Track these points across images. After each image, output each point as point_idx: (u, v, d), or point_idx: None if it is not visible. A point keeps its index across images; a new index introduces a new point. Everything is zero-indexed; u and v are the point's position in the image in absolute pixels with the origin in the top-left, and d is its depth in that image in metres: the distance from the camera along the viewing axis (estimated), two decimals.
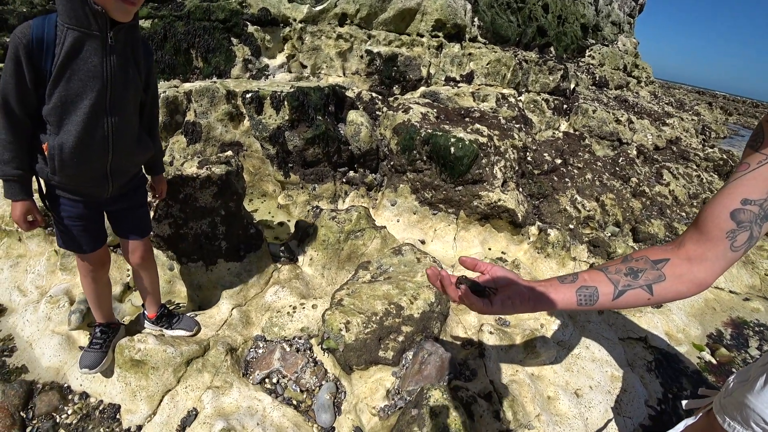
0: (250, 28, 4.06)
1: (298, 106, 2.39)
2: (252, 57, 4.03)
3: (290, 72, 3.98)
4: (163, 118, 2.66)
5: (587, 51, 6.66)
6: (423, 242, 2.32)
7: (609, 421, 1.73)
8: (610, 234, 2.60)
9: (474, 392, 1.56)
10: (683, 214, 3.49)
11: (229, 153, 2.04)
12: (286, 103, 2.39)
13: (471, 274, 0.89)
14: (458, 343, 1.80)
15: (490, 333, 1.87)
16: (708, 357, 2.34)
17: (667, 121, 5.02)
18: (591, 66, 6.20)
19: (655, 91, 7.58)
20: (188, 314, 1.71)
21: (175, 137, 2.77)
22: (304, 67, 4.03)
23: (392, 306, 1.57)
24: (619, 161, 3.48)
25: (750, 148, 0.80)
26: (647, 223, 2.95)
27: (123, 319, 1.76)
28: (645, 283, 0.83)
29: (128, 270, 1.93)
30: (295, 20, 4.13)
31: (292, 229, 2.41)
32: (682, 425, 1.30)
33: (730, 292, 3.11)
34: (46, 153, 1.08)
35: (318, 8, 4.17)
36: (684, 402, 1.48)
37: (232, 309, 1.77)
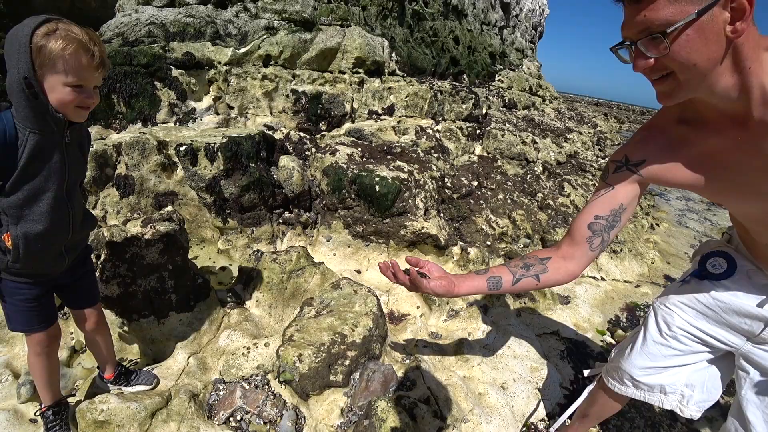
0: (175, 72, 4.12)
1: (231, 156, 2.55)
2: (178, 101, 4.09)
3: (217, 114, 4.09)
4: (93, 172, 2.68)
5: (497, 76, 7.40)
6: (359, 272, 2.57)
7: (537, 405, 2.03)
8: (522, 245, 3.03)
9: (415, 398, 1.82)
10: None
11: (170, 209, 2.16)
12: (220, 153, 2.54)
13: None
14: (398, 359, 2.06)
15: (425, 347, 2.15)
16: (609, 339, 2.78)
17: (568, 137, 5.75)
18: (501, 89, 6.90)
19: (559, 107, 8.54)
20: (145, 369, 1.80)
21: (106, 191, 2.80)
22: (231, 108, 4.16)
23: (337, 335, 1.79)
24: (527, 179, 3.99)
25: (601, 179, 1.17)
26: (553, 232, 3.44)
27: (75, 384, 1.80)
28: (534, 273, 1.18)
29: (72, 333, 1.97)
30: (219, 63, 4.26)
31: (235, 273, 2.55)
32: (586, 391, 1.69)
33: (625, 281, 3.66)
34: (7, 243, 1.17)
35: (242, 51, 4.34)
36: (585, 371, 1.88)
37: (188, 357, 1.89)
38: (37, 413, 1.57)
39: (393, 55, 5.26)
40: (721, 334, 1.20)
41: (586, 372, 1.85)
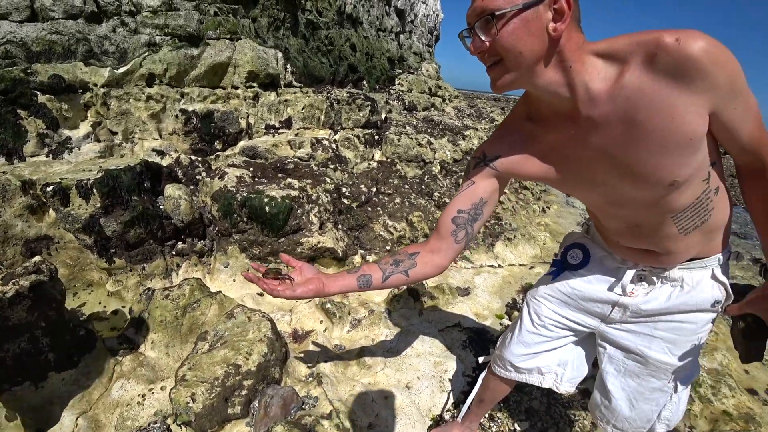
0: (41, 98, 3.75)
1: (108, 191, 2.42)
2: (48, 130, 3.73)
3: (99, 141, 3.80)
4: None
5: (396, 80, 7.66)
6: (261, 294, 2.57)
7: (447, 398, 2.14)
8: None
9: (317, 416, 1.88)
10: None
11: (38, 258, 2.00)
12: (95, 190, 2.40)
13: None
14: (302, 378, 2.11)
15: (327, 361, 2.23)
16: (507, 322, 2.95)
17: (465, 134, 6.12)
18: (401, 93, 7.15)
19: (459, 106, 9.04)
20: None
21: None
22: (114, 134, 3.89)
23: (231, 367, 1.81)
24: (425, 179, 4.23)
25: (464, 175, 1.23)
26: None
27: None
28: (403, 269, 1.20)
29: None
30: (96, 85, 3.95)
31: (128, 315, 2.43)
32: (480, 378, 1.84)
33: (520, 265, 3.97)
34: None
35: (121, 71, 4.06)
36: (480, 359, 2.05)
37: (77, 419, 1.78)
38: None
39: (288, 66, 5.23)
40: (582, 319, 1.35)
41: (480, 359, 2.04)
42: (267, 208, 2.50)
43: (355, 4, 7.42)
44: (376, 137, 4.65)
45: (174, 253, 2.62)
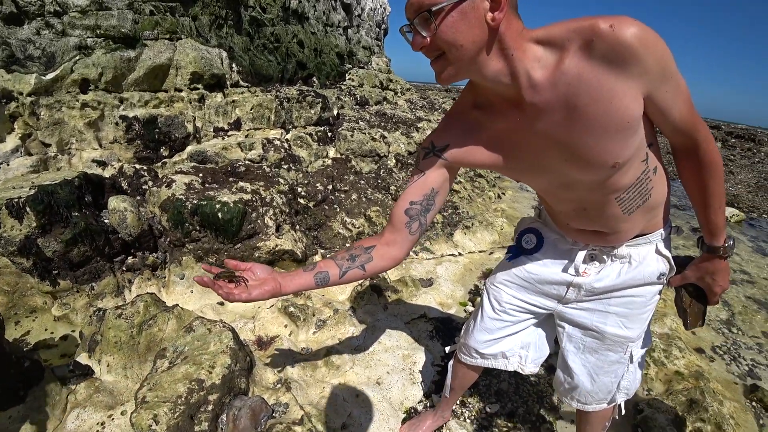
0: None
1: (44, 209, 2.26)
2: None
3: (30, 155, 3.54)
4: None
5: (347, 75, 7.59)
6: (222, 304, 2.50)
7: (427, 394, 2.16)
8: None
9: (288, 422, 1.86)
10: None
11: None
12: (28, 208, 2.23)
13: None
14: (270, 385, 2.08)
15: (294, 366, 2.21)
16: (471, 308, 3.03)
17: (419, 126, 6.18)
18: (352, 88, 7.11)
19: (411, 98, 9.10)
20: None
21: None
22: (47, 146, 3.63)
23: (194, 383, 1.75)
24: (381, 174, 4.24)
25: (414, 166, 1.23)
26: None
27: None
28: (360, 264, 1.19)
29: None
30: (21, 93, 3.67)
31: (79, 340, 2.29)
32: (449, 367, 1.87)
33: (480, 252, 4.08)
34: None
35: (50, 77, 3.78)
36: (447, 348, 2.08)
37: None
38: None
39: (233, 65, 5.06)
40: (540, 302, 1.40)
41: (447, 349, 2.08)
42: (219, 214, 2.42)
43: (301, 0, 7.28)
44: (329, 134, 4.61)
45: (125, 268, 2.50)
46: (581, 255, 1.27)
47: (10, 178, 2.96)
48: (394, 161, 4.58)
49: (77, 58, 3.99)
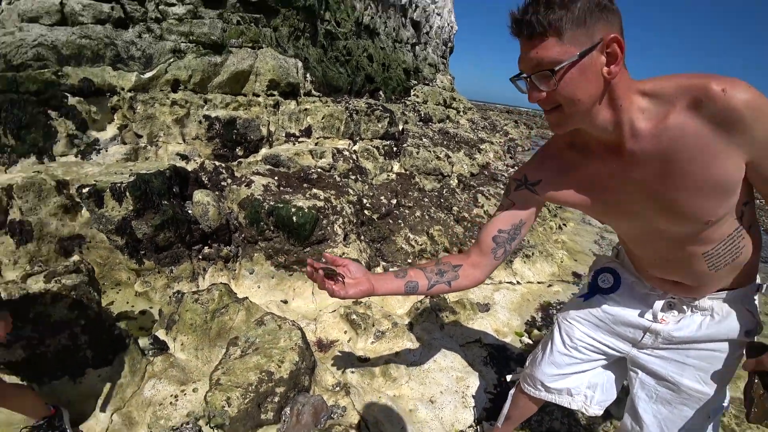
0: (71, 100, 3.84)
1: (141, 195, 2.47)
2: (77, 131, 3.81)
3: (125, 144, 3.88)
4: None
5: (412, 91, 7.76)
6: (286, 302, 2.62)
7: (478, 420, 2.15)
8: None
9: (346, 425, 1.91)
10: None
11: (76, 258, 2.05)
12: (128, 193, 2.45)
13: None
14: (329, 387, 2.14)
15: (353, 371, 2.26)
16: (527, 340, 2.95)
17: (481, 147, 6.19)
18: (416, 104, 7.25)
19: (473, 118, 9.14)
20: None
21: None
22: (140, 137, 3.96)
23: (264, 373, 1.84)
24: (444, 193, 4.28)
25: (504, 195, 1.28)
26: (469, 244, 3.71)
27: None
28: (447, 280, 1.25)
29: None
30: (123, 89, 4.04)
31: (156, 316, 2.47)
32: (510, 396, 1.85)
33: (538, 282, 3.97)
34: None
35: (147, 75, 4.15)
36: (508, 377, 2.06)
37: (112, 414, 1.82)
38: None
39: (308, 75, 5.32)
40: (613, 343, 1.36)
41: (508, 377, 2.06)
42: (294, 218, 2.55)
43: (373, 16, 7.55)
44: (395, 149, 4.72)
45: (201, 257, 2.67)
46: (659, 303, 1.23)
47: (109, 163, 3.25)
48: (456, 181, 4.61)
49: (171, 60, 4.36)
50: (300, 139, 4.23)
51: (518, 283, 3.69)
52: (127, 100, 4.01)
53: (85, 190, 2.43)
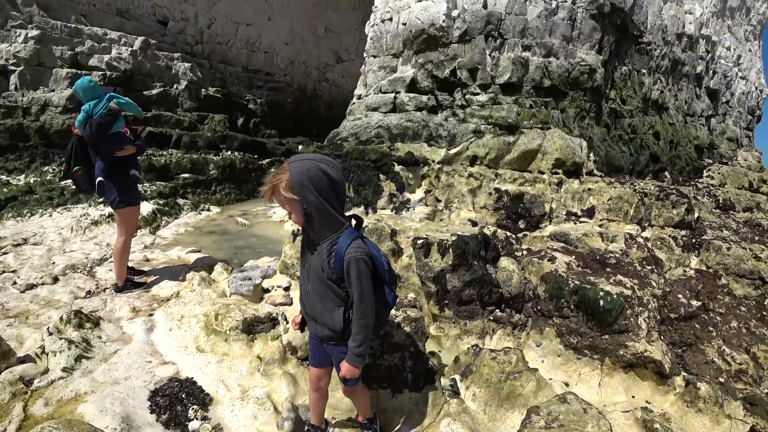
0: (396, 168, 4.96)
1: (460, 253, 2.94)
2: (396, 192, 4.85)
3: (427, 205, 4.70)
4: None
5: (705, 171, 6.69)
6: (567, 384, 2.56)
7: None
8: (767, 390, 2.58)
9: None
10: None
11: (412, 296, 2.58)
12: (450, 250, 2.95)
13: None
14: None
15: None
16: None
17: None
18: (711, 187, 6.19)
19: None
20: None
21: None
22: (439, 201, 4.75)
23: None
24: (765, 304, 3.44)
25: None
26: None
27: None
28: None
29: None
30: (433, 161, 4.97)
31: (444, 360, 2.79)
32: None
33: None
34: None
35: (452, 151, 4.98)
36: None
37: None
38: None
39: (591, 154, 5.30)
40: None
41: None
42: (601, 302, 2.53)
43: (662, 90, 6.97)
44: (693, 240, 4.12)
45: (492, 318, 2.93)
46: None
47: (423, 222, 3.97)
48: None
49: (472, 139, 5.11)
50: (581, 219, 4.20)
51: None
52: (435, 170, 4.88)
53: (419, 242, 3.06)
